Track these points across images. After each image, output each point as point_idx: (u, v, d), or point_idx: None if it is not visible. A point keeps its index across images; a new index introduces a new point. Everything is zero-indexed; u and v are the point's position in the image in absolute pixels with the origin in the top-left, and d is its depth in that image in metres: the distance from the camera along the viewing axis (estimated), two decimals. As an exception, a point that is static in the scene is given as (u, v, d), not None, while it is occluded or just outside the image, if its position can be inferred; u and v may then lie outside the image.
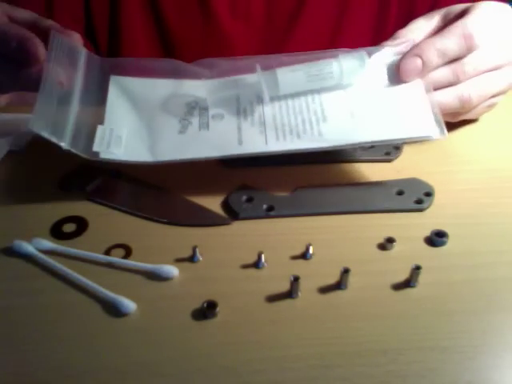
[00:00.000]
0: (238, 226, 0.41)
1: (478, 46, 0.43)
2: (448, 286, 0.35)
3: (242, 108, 0.45)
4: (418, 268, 0.34)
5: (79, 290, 0.35)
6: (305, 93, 0.44)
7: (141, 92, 0.46)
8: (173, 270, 0.36)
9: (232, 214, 0.41)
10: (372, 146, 0.48)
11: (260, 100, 0.44)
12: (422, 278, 0.35)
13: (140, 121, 0.45)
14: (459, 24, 0.43)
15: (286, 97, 0.44)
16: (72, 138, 0.42)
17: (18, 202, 0.44)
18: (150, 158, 0.43)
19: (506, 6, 0.47)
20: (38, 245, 0.38)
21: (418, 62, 0.42)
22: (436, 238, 0.38)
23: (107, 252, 0.38)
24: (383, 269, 0.36)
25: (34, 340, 0.32)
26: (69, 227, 0.41)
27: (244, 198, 0.43)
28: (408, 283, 0.35)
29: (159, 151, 0.43)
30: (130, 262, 0.37)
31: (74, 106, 0.43)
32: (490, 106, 0.49)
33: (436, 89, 0.44)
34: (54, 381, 0.30)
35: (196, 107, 0.45)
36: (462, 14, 0.45)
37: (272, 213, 0.41)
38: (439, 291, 0.35)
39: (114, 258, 0.37)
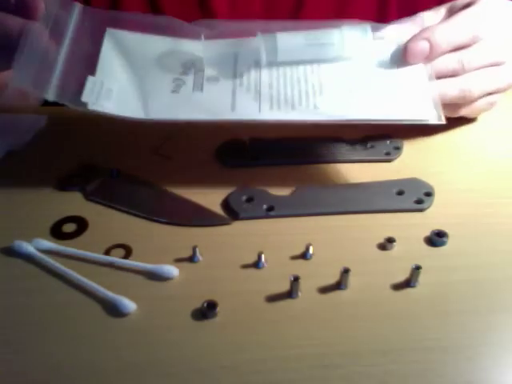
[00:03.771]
0: (237, 226, 0.41)
1: (481, 38, 0.43)
2: (448, 286, 0.35)
3: (238, 72, 0.43)
4: (417, 268, 0.34)
5: (79, 290, 0.35)
6: (304, 62, 0.43)
7: (136, 47, 0.44)
8: (173, 270, 0.36)
9: (232, 213, 0.41)
10: (372, 146, 0.48)
11: (258, 65, 0.43)
12: (422, 278, 0.35)
13: (133, 75, 0.43)
14: (467, 13, 0.43)
15: (284, 65, 0.43)
16: (58, 89, 0.40)
17: (18, 201, 0.44)
18: (142, 114, 0.41)
19: (509, 2, 0.47)
20: (37, 245, 0.38)
21: (426, 45, 0.42)
22: (436, 238, 0.38)
23: (107, 252, 0.38)
24: (383, 269, 0.36)
25: (33, 340, 0.32)
26: (69, 227, 0.41)
27: (244, 198, 0.43)
28: (408, 283, 0.35)
29: (151, 109, 0.41)
30: (130, 262, 0.37)
31: (62, 57, 0.41)
32: (490, 104, 0.49)
33: (439, 77, 0.43)
34: (53, 381, 0.30)
35: (191, 68, 0.43)
36: (466, 7, 0.45)
37: (272, 213, 0.41)
38: (439, 291, 0.35)
39: (114, 258, 0.37)
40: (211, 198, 0.43)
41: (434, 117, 0.40)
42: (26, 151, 0.50)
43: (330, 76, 0.43)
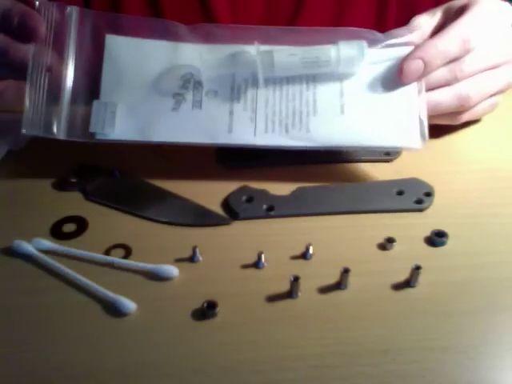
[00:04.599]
0: (237, 226, 0.41)
1: (474, 48, 0.44)
2: (448, 286, 0.35)
3: (236, 86, 0.44)
4: (418, 268, 0.34)
5: (79, 290, 0.35)
6: (300, 78, 0.44)
7: (136, 56, 0.45)
8: (173, 270, 0.36)
9: (232, 214, 0.41)
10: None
11: (255, 78, 0.44)
12: (422, 278, 0.35)
13: (134, 93, 0.44)
14: (457, 26, 0.43)
15: (281, 80, 0.44)
16: (67, 127, 0.43)
17: (18, 201, 0.44)
18: (144, 138, 0.43)
19: (505, 3, 0.47)
20: (38, 245, 0.38)
21: (421, 64, 0.42)
22: (436, 238, 0.38)
23: (107, 252, 0.38)
24: (383, 269, 0.36)
25: (34, 340, 0.32)
26: (69, 227, 0.41)
27: (244, 198, 0.43)
28: (408, 283, 0.35)
29: (151, 131, 0.44)
30: (130, 262, 0.37)
31: (67, 89, 0.44)
32: (492, 106, 0.49)
33: (433, 88, 0.44)
34: (54, 381, 0.30)
35: (191, 80, 0.44)
36: (461, 11, 0.45)
37: (272, 213, 0.41)
38: (439, 291, 0.35)
39: (114, 258, 0.37)
40: (211, 198, 0.43)
41: (419, 143, 0.42)
42: (26, 151, 0.50)
43: (324, 93, 0.44)
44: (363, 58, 0.43)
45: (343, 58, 0.43)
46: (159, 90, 0.44)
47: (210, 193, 0.44)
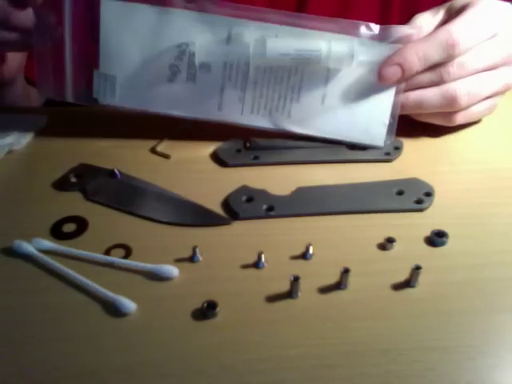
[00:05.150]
0: (237, 226, 0.41)
1: (464, 50, 0.43)
2: (448, 285, 0.35)
3: (229, 62, 0.45)
4: (418, 268, 0.34)
5: (79, 290, 0.35)
6: (290, 65, 0.45)
7: (133, 22, 0.45)
8: (173, 270, 0.36)
9: (232, 214, 0.41)
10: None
11: (247, 59, 0.45)
12: (422, 278, 0.35)
13: (132, 62, 0.46)
14: (444, 30, 0.43)
15: (271, 62, 0.45)
16: (74, 91, 0.47)
17: (18, 201, 0.44)
18: (141, 106, 0.48)
19: (506, 4, 0.46)
20: (38, 245, 0.38)
21: (398, 69, 0.43)
22: (436, 238, 0.38)
23: (107, 252, 0.38)
24: (383, 269, 0.36)
25: (33, 340, 0.32)
26: (69, 227, 0.41)
27: (244, 198, 0.43)
28: (408, 283, 0.35)
29: (150, 101, 0.47)
30: (130, 262, 0.37)
31: (68, 54, 0.46)
32: (490, 108, 0.48)
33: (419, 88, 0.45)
34: (54, 381, 0.30)
35: (186, 51, 0.45)
36: (460, 11, 0.45)
37: (272, 213, 0.41)
38: (439, 291, 0.35)
39: (114, 258, 0.37)
40: (211, 198, 0.43)
41: (381, 142, 0.47)
42: (26, 151, 0.50)
43: (310, 80, 0.46)
44: (353, 57, 0.44)
45: (333, 56, 0.44)
46: (156, 59, 0.46)
47: (210, 193, 0.44)
